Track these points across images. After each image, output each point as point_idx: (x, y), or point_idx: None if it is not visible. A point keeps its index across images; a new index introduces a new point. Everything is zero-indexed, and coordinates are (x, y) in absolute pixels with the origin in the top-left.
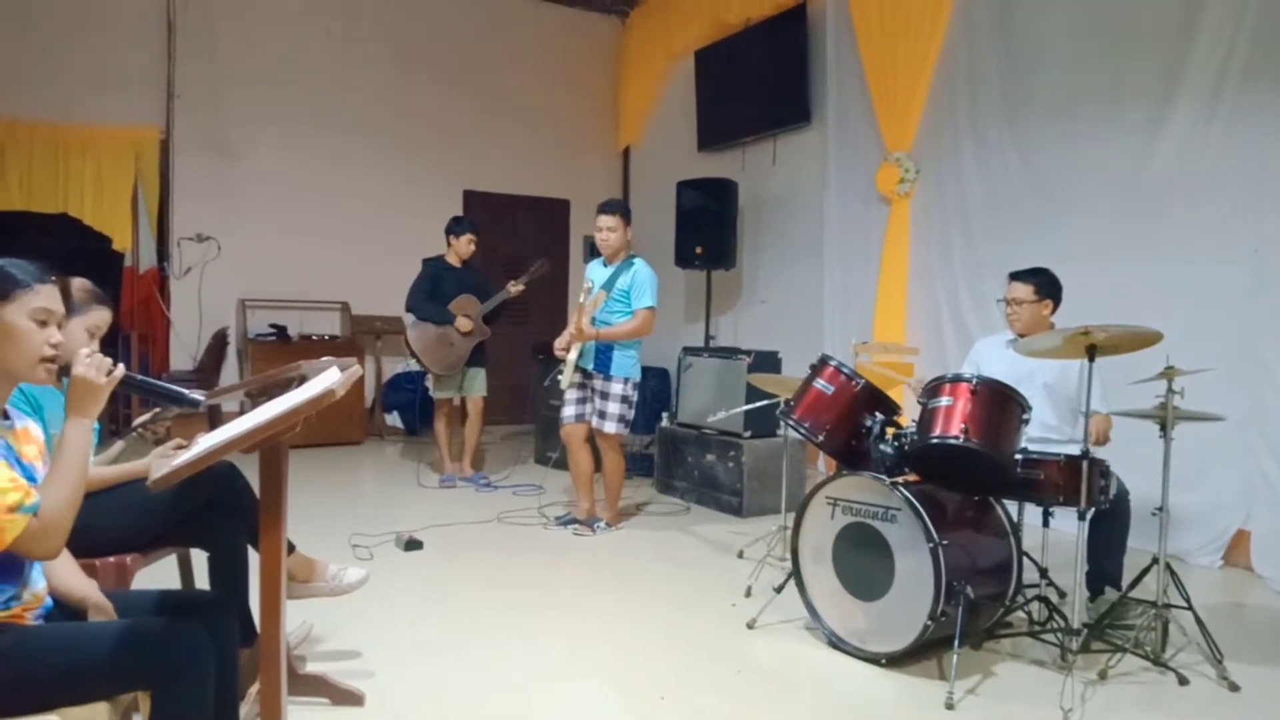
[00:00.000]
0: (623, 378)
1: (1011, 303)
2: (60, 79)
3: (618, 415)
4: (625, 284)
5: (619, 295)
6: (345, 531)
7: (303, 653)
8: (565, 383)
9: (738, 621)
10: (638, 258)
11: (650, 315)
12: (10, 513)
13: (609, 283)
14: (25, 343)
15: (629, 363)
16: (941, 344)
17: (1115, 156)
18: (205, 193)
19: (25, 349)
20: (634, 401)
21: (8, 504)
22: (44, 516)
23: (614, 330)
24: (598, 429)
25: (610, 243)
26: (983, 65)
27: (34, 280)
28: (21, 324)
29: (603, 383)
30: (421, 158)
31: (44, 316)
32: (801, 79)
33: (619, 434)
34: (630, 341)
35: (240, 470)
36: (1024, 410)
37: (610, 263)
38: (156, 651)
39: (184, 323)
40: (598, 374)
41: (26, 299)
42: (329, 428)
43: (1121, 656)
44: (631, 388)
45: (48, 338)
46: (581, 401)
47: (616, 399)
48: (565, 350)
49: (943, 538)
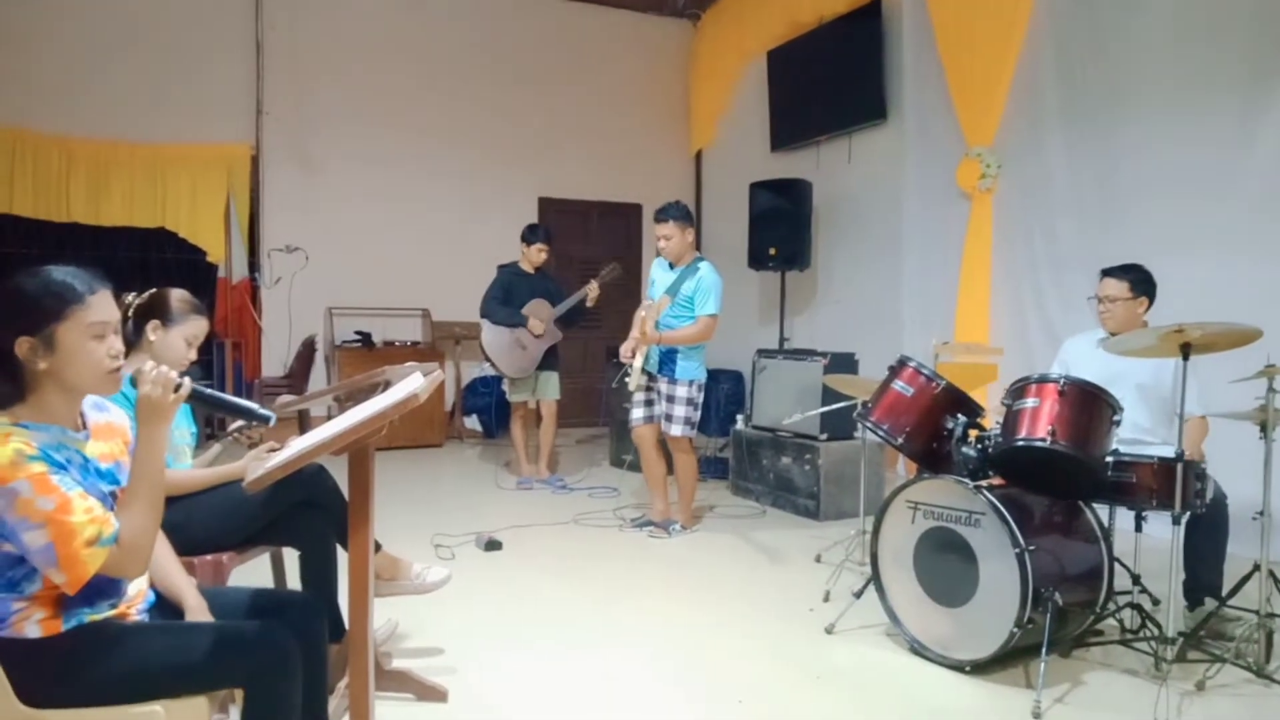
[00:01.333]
0: (687, 380)
1: (1104, 300)
2: (160, 102)
3: (683, 418)
4: (690, 289)
5: (683, 301)
6: (428, 532)
7: (388, 649)
8: (633, 385)
9: (816, 626)
10: (704, 260)
11: (712, 322)
12: (90, 546)
13: (674, 287)
14: (87, 361)
15: (693, 366)
16: (1027, 344)
17: (1211, 147)
18: (293, 205)
19: (88, 367)
20: (699, 404)
21: (85, 539)
22: (124, 543)
23: (677, 335)
24: (665, 432)
25: (671, 249)
26: (1069, 56)
27: (86, 292)
28: (81, 345)
29: (668, 386)
30: (497, 166)
31: (100, 330)
32: (877, 75)
33: (685, 436)
34: (694, 345)
35: (329, 472)
36: (1115, 411)
37: (675, 266)
38: (249, 653)
39: (274, 331)
40: (662, 377)
41: (80, 315)
42: (411, 431)
43: (1221, 667)
44: (696, 390)
45: (108, 350)
46: (649, 404)
47: (681, 402)
48: (630, 357)
49: (1029, 543)
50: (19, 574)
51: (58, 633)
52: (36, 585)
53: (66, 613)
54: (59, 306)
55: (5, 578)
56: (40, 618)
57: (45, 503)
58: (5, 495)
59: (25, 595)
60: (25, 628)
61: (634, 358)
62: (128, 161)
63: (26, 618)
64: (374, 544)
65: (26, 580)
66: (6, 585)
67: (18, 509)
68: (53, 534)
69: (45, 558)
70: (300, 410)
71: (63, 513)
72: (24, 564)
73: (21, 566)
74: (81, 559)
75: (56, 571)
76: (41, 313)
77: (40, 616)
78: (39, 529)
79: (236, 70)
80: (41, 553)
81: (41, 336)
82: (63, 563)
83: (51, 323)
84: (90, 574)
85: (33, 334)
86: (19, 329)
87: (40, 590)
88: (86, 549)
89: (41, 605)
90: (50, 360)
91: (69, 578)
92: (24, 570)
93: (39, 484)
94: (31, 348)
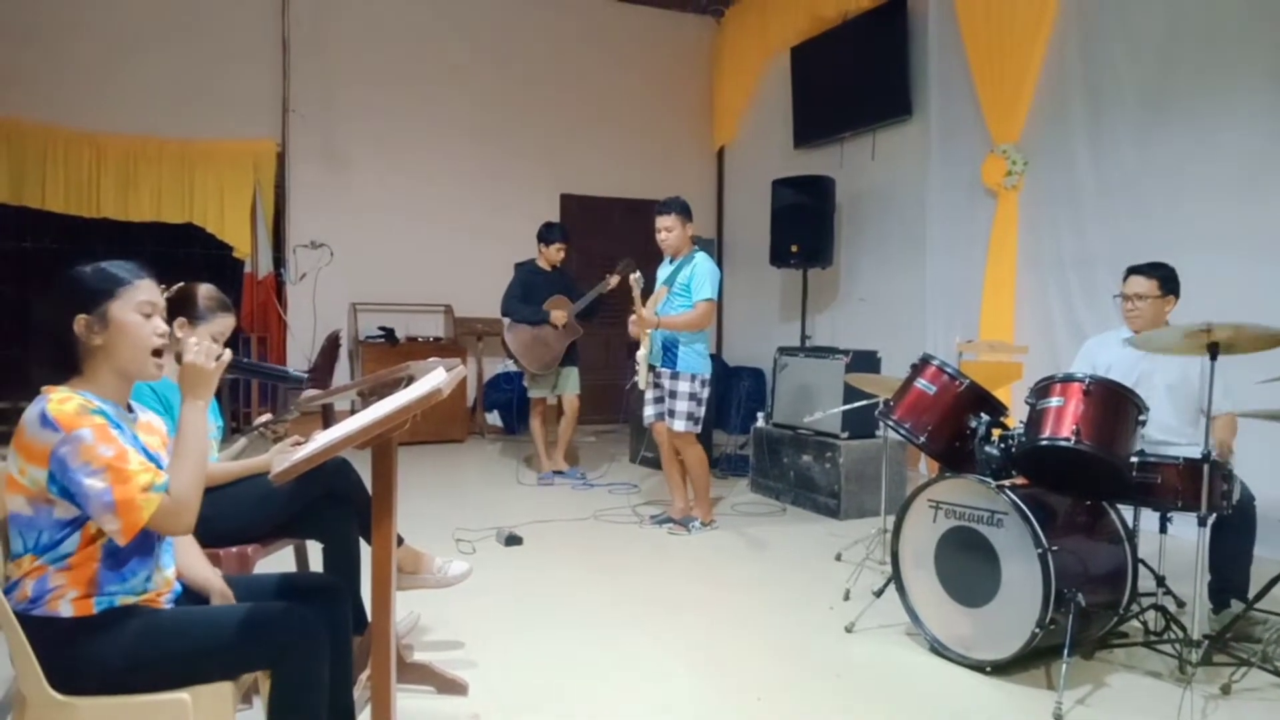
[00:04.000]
0: (690, 374)
1: (1132, 298)
2: (188, 99)
3: (686, 413)
4: (686, 278)
5: (680, 290)
6: (449, 526)
7: (410, 642)
8: (642, 382)
9: (836, 625)
10: (699, 251)
11: (710, 307)
12: (145, 492)
13: (670, 278)
14: (136, 334)
15: (696, 358)
16: (1052, 342)
17: (1241, 145)
18: (318, 202)
19: (137, 341)
20: (703, 399)
21: (141, 485)
22: (174, 493)
23: (675, 319)
24: (669, 427)
25: (669, 242)
26: (1096, 52)
27: (134, 276)
28: (130, 318)
29: (670, 380)
30: (520, 163)
31: (149, 310)
32: (901, 72)
33: (689, 431)
34: (695, 336)
35: (353, 466)
36: (1140, 411)
37: (674, 259)
38: (275, 634)
39: (299, 326)
40: (665, 370)
41: (130, 294)
42: (433, 426)
43: (1247, 671)
44: (699, 384)
45: (155, 328)
46: (659, 400)
47: (684, 396)
48: (636, 335)
49: (1052, 543)
50: (62, 535)
51: (90, 614)
52: (74, 546)
53: (99, 593)
54: (112, 286)
55: (54, 547)
56: (74, 596)
57: (106, 450)
58: (71, 442)
59: (63, 565)
60: (59, 605)
61: (640, 348)
62: (156, 158)
63: (61, 596)
64: (396, 538)
65: (67, 540)
66: (48, 547)
67: (81, 454)
68: (111, 479)
69: (102, 503)
70: (324, 405)
71: (121, 460)
72: (68, 527)
73: (66, 528)
74: (138, 504)
75: (112, 518)
76: (97, 292)
77: (74, 595)
78: (99, 474)
79: (263, 67)
80: (100, 497)
81: (97, 314)
82: (120, 507)
83: (105, 300)
84: (144, 520)
85: (89, 311)
86: (77, 307)
87: (76, 555)
88: (142, 494)
89: (75, 583)
90: (104, 336)
91: (124, 523)
92: (66, 532)
93: (100, 433)
94: (88, 325)
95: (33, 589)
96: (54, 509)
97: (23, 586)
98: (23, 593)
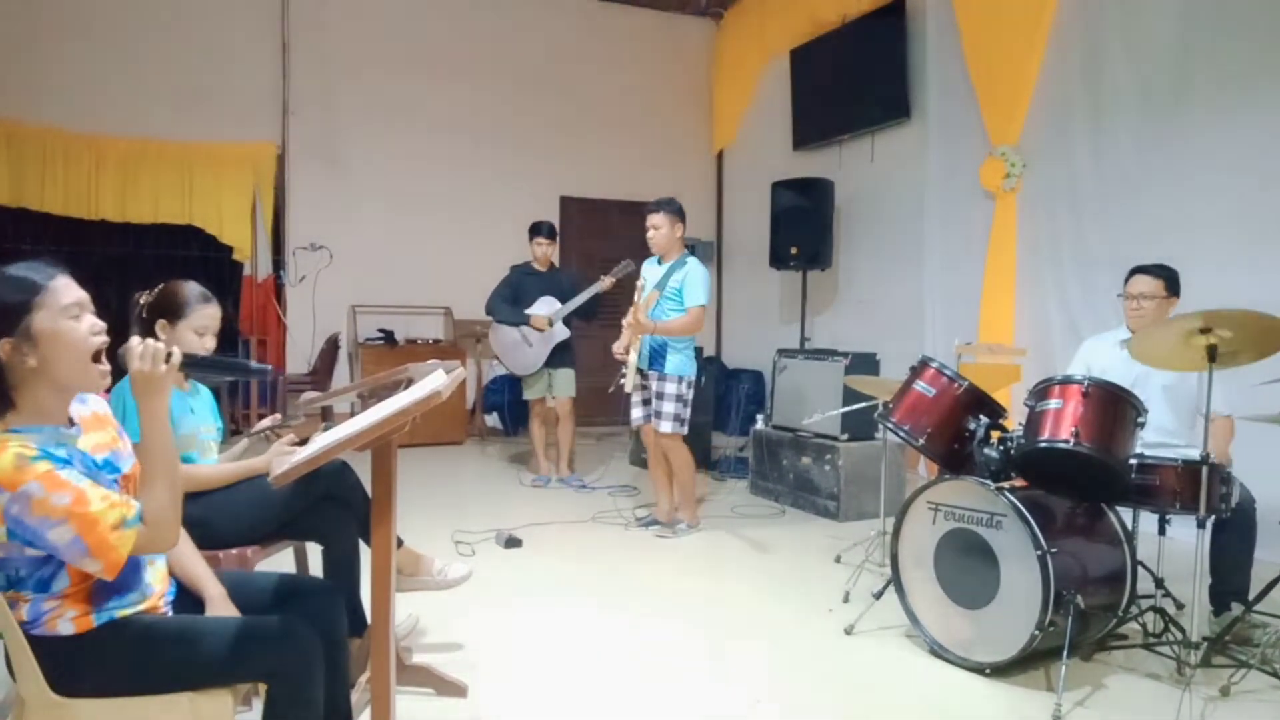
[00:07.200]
0: (677, 376)
1: (1137, 298)
2: (188, 101)
3: (673, 414)
4: (678, 282)
5: (671, 294)
6: (449, 528)
7: (409, 644)
8: (629, 385)
9: (835, 627)
10: (690, 256)
11: (701, 313)
12: (116, 530)
13: (661, 282)
14: (71, 343)
15: (683, 361)
16: (1051, 345)
17: (1243, 147)
18: (318, 204)
19: (73, 350)
20: (689, 401)
21: (110, 524)
22: (150, 521)
23: (669, 325)
24: (656, 429)
25: (658, 241)
26: (1096, 53)
27: (45, 280)
28: (60, 326)
29: (658, 382)
30: (519, 165)
31: (75, 311)
32: (900, 74)
33: (676, 433)
34: (684, 340)
35: (352, 468)
36: (1139, 413)
37: (664, 261)
38: (271, 648)
39: (299, 328)
40: (653, 373)
41: (51, 299)
42: (433, 428)
43: (1246, 673)
44: (686, 387)
45: (90, 328)
46: (647, 402)
47: (671, 399)
48: (624, 353)
49: (1051, 545)
50: (47, 573)
51: (90, 629)
52: (64, 583)
53: (98, 609)
54: (25, 299)
55: (34, 579)
56: (73, 615)
57: (60, 498)
58: (19, 500)
59: (56, 594)
60: (59, 625)
61: (628, 354)
62: (156, 160)
63: (59, 616)
64: (396, 540)
65: (54, 579)
66: (37, 585)
67: (35, 510)
68: (77, 526)
69: (75, 551)
70: (324, 407)
71: (80, 504)
72: (49, 563)
73: (48, 565)
74: (111, 543)
75: (90, 561)
76: (10, 310)
77: (73, 614)
78: (61, 524)
79: (263, 70)
80: (70, 547)
81: (18, 333)
82: (94, 551)
83: (23, 316)
84: (125, 557)
85: (9, 333)
86: None
87: (69, 588)
88: (114, 533)
89: (73, 603)
90: (37, 355)
91: (105, 564)
92: (50, 569)
93: (49, 481)
94: (14, 347)
95: (28, 613)
96: (24, 551)
97: (18, 610)
98: (18, 616)
